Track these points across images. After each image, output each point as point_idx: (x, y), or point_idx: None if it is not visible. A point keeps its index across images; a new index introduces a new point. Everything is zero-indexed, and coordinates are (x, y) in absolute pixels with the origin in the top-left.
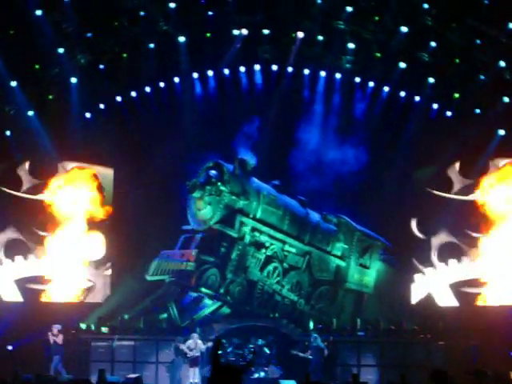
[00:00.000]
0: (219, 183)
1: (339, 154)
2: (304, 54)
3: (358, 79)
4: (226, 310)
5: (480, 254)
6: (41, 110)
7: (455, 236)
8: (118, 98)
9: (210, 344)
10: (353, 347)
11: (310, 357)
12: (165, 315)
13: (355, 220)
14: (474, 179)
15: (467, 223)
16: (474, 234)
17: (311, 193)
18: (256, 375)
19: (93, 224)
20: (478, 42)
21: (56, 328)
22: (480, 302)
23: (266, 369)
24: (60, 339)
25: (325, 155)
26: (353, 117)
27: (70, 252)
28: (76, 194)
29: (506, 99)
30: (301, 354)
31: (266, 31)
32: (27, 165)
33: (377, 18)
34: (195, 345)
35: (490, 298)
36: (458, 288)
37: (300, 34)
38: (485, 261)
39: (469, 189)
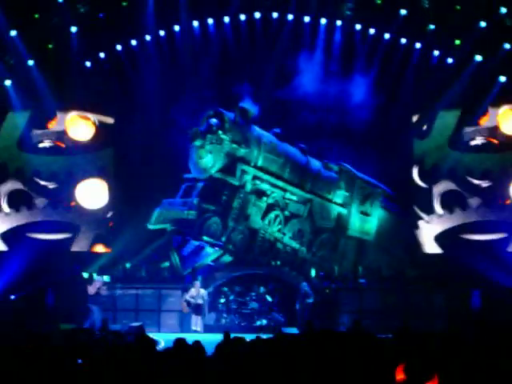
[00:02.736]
0: (220, 131)
1: (340, 100)
2: (304, 1)
3: (358, 26)
4: (227, 258)
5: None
6: (41, 59)
7: (457, 184)
8: (118, 47)
9: (211, 290)
10: (354, 294)
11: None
12: (167, 264)
13: (356, 167)
14: (474, 126)
15: (468, 171)
16: (476, 182)
17: (312, 138)
18: (258, 323)
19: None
20: None
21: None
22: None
23: (269, 316)
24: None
25: (325, 101)
26: (353, 64)
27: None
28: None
29: (507, 46)
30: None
31: None
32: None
33: None
34: (197, 293)
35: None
36: (459, 235)
37: None
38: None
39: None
